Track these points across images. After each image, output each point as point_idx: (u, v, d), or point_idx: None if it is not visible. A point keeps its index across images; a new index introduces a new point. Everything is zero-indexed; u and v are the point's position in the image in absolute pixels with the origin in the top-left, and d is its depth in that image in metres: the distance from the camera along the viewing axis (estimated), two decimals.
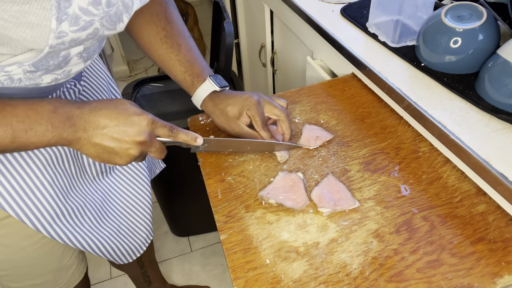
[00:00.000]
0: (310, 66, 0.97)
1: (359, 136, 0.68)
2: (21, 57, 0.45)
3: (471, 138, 0.56)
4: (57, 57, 0.49)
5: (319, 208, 0.56)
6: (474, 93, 0.63)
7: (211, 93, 0.66)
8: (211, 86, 0.65)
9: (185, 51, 0.66)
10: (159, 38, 0.65)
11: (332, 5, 0.95)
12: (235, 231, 0.54)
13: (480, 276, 0.47)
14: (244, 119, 0.64)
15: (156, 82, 1.48)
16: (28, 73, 0.49)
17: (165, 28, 0.66)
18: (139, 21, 0.65)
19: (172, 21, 0.67)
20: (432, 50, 0.69)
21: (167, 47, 0.65)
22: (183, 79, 0.67)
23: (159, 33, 0.65)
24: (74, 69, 0.55)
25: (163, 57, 0.66)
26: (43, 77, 0.51)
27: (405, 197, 0.57)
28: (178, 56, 0.66)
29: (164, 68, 0.68)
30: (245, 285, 0.48)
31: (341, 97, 0.77)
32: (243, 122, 0.64)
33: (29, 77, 0.50)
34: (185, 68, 0.66)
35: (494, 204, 0.55)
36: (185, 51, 0.66)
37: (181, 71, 0.66)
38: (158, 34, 0.65)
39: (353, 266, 0.49)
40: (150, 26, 0.65)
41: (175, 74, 0.67)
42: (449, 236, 0.52)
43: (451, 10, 0.68)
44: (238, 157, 0.66)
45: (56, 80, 0.54)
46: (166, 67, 0.67)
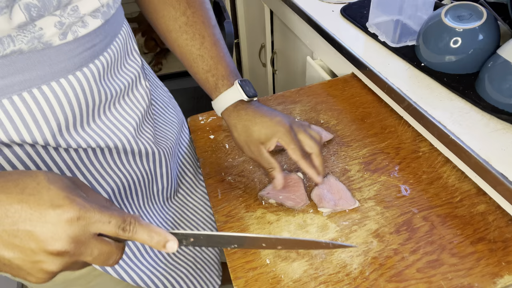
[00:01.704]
0: (310, 66, 0.97)
1: (359, 136, 0.68)
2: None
3: (471, 138, 0.56)
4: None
5: (319, 208, 0.56)
6: (474, 93, 0.63)
7: (237, 102, 0.56)
8: (238, 93, 0.55)
9: (209, 45, 0.56)
10: (178, 25, 0.55)
11: (332, 5, 0.95)
12: (235, 231, 0.54)
13: (480, 276, 0.47)
14: (270, 145, 0.54)
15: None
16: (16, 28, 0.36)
17: (185, 13, 0.55)
18: (153, 1, 0.55)
19: (194, 4, 0.56)
20: (432, 50, 0.69)
21: (187, 38, 0.56)
22: (205, 79, 0.57)
23: (177, 19, 0.55)
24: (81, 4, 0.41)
25: (183, 49, 0.56)
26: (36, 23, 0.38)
27: (405, 197, 0.57)
28: (200, 51, 0.56)
29: (183, 62, 0.58)
30: (245, 285, 0.48)
31: (341, 97, 0.77)
32: (266, 148, 0.54)
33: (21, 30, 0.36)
34: (208, 66, 0.56)
35: (494, 204, 0.55)
36: (209, 44, 0.56)
37: (203, 69, 0.56)
38: (176, 20, 0.55)
39: (353, 266, 0.49)
40: (167, 9, 0.55)
41: (196, 71, 0.57)
42: (449, 236, 0.52)
43: (451, 10, 0.68)
44: (238, 157, 0.66)
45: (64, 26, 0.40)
46: (186, 61, 0.58)
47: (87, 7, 0.42)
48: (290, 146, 0.53)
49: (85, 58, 0.44)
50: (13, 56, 0.38)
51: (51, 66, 0.41)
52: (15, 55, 0.38)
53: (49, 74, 0.41)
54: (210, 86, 0.57)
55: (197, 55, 0.56)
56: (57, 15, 0.39)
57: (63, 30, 0.40)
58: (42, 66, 0.40)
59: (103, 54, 0.47)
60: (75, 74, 0.44)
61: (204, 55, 0.56)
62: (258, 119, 0.54)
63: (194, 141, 0.71)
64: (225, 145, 0.68)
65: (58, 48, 0.41)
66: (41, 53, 0.40)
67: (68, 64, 0.43)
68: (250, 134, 0.54)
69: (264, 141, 0.54)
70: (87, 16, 0.42)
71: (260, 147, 0.54)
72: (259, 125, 0.54)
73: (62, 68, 0.42)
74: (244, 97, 0.55)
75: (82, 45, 0.43)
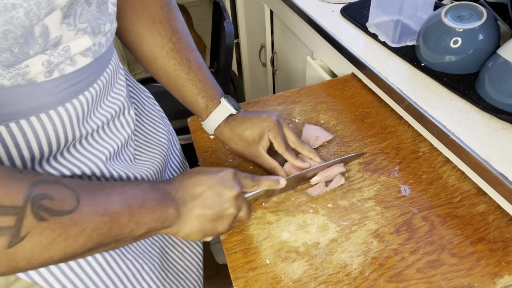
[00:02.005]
0: (310, 66, 0.97)
1: (359, 136, 0.68)
2: None
3: (471, 138, 0.56)
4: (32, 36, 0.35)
5: None
6: (474, 93, 0.63)
7: (227, 117, 0.59)
8: (227, 109, 0.59)
9: (196, 69, 0.59)
10: (165, 52, 0.57)
11: (332, 5, 0.95)
12: (235, 231, 0.54)
13: (480, 276, 0.47)
14: (265, 143, 0.59)
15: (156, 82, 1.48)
16: None
17: (171, 39, 0.57)
18: (139, 29, 0.56)
19: (178, 31, 0.58)
20: (432, 50, 0.69)
21: (176, 63, 0.57)
22: (195, 102, 0.59)
23: (164, 46, 0.57)
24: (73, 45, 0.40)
25: (170, 74, 0.58)
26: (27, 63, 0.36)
27: (405, 197, 0.57)
28: (188, 75, 0.58)
29: (170, 87, 0.60)
30: (245, 285, 0.48)
31: (341, 97, 0.77)
32: (263, 147, 0.59)
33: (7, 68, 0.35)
34: (197, 89, 0.59)
35: (494, 204, 0.55)
36: (196, 68, 0.59)
37: (192, 92, 0.59)
38: (163, 47, 0.57)
39: (353, 266, 0.49)
40: (154, 36, 0.56)
41: (185, 95, 0.59)
42: (449, 236, 0.52)
43: (451, 10, 0.68)
44: (238, 157, 0.66)
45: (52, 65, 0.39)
46: (174, 85, 0.59)
47: (79, 47, 0.41)
48: (277, 139, 0.58)
49: (69, 93, 0.43)
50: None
51: (32, 101, 0.39)
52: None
53: (30, 109, 0.40)
54: (200, 108, 0.60)
55: (186, 79, 0.58)
56: (47, 54, 0.38)
57: (50, 69, 0.39)
58: (23, 101, 0.39)
59: (88, 90, 0.45)
60: (57, 109, 0.42)
61: (193, 79, 0.59)
62: (247, 124, 0.58)
63: (194, 141, 0.71)
64: (225, 145, 0.68)
65: (42, 84, 0.39)
66: (23, 88, 0.38)
67: (51, 99, 0.41)
68: (245, 139, 0.59)
69: (259, 140, 0.58)
70: (77, 55, 0.41)
71: (258, 148, 0.59)
72: (250, 128, 0.58)
73: (43, 103, 0.40)
74: (233, 111, 0.59)
75: (67, 81, 0.42)
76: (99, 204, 0.38)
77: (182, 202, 0.45)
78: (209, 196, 0.46)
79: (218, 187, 0.47)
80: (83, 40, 0.41)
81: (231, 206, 0.47)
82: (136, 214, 0.41)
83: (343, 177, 0.60)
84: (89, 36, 0.42)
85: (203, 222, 0.46)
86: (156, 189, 0.44)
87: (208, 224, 0.47)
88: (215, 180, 0.47)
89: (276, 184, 0.53)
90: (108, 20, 0.44)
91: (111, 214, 0.38)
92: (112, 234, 0.39)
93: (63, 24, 0.37)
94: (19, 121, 0.39)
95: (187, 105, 0.61)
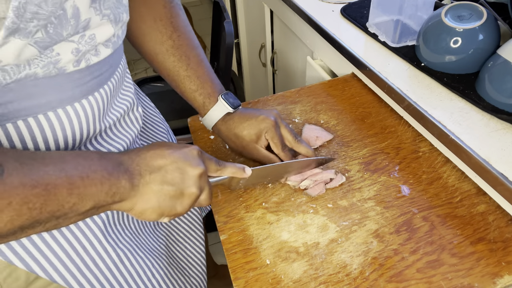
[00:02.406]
0: (310, 66, 0.97)
1: (359, 136, 0.68)
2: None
3: (471, 138, 0.56)
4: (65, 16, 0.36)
5: None
6: (474, 93, 0.63)
7: (224, 115, 0.60)
8: (224, 107, 0.59)
9: (195, 65, 0.60)
10: (164, 48, 0.58)
11: (332, 5, 0.95)
12: (235, 231, 0.54)
13: (480, 276, 0.47)
14: (262, 142, 0.59)
15: (156, 82, 1.49)
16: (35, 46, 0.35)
17: (172, 36, 0.58)
18: (141, 26, 0.58)
19: (179, 28, 0.59)
20: (432, 50, 0.69)
21: (175, 60, 0.59)
22: (193, 98, 0.60)
23: (164, 43, 0.58)
24: (98, 33, 0.42)
25: (170, 71, 0.60)
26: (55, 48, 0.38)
27: (405, 197, 0.57)
28: (187, 72, 0.59)
29: (171, 83, 0.62)
30: (245, 285, 0.48)
31: (341, 97, 0.77)
32: (261, 146, 0.59)
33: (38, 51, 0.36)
34: (195, 86, 0.60)
35: (494, 204, 0.55)
36: (195, 65, 0.60)
37: (190, 89, 0.60)
38: (163, 44, 0.58)
39: (353, 266, 0.49)
40: (154, 33, 0.58)
41: (183, 91, 0.61)
42: (449, 236, 0.52)
43: (451, 10, 0.68)
44: (238, 157, 0.66)
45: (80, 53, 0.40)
46: (173, 82, 0.61)
47: (103, 36, 0.42)
48: (273, 140, 0.58)
49: (92, 86, 0.45)
50: (26, 81, 0.38)
51: (60, 93, 0.41)
52: (28, 79, 0.38)
53: (57, 101, 0.41)
54: (198, 105, 0.61)
55: (185, 76, 0.59)
56: (75, 41, 0.39)
57: (78, 57, 0.41)
58: (52, 92, 0.40)
59: (107, 83, 0.47)
60: (81, 102, 0.44)
61: (191, 76, 0.59)
62: (245, 124, 0.59)
63: (194, 141, 0.71)
64: (225, 145, 0.68)
65: (70, 75, 0.41)
66: (53, 79, 0.40)
67: (76, 91, 0.43)
68: (242, 139, 0.59)
69: (256, 140, 0.59)
70: (100, 45, 0.43)
71: (257, 147, 0.59)
72: (247, 128, 0.58)
73: (70, 96, 0.42)
74: (230, 110, 0.59)
75: (91, 73, 0.44)
76: (28, 174, 0.33)
77: (138, 174, 0.41)
78: (171, 171, 0.42)
79: (182, 162, 0.43)
80: (107, 28, 0.43)
81: (193, 185, 0.44)
82: (79, 186, 0.36)
83: (344, 176, 0.60)
84: (111, 24, 0.43)
85: (160, 199, 0.42)
86: (105, 158, 0.40)
87: (167, 201, 0.43)
88: (179, 154, 0.44)
89: (241, 172, 0.51)
90: (124, 10, 0.46)
91: (45, 186, 0.34)
92: (49, 209, 0.35)
93: (91, 8, 0.39)
94: (47, 113, 0.41)
95: (187, 100, 0.62)
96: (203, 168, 0.45)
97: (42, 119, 0.41)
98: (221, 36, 1.22)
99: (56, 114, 0.42)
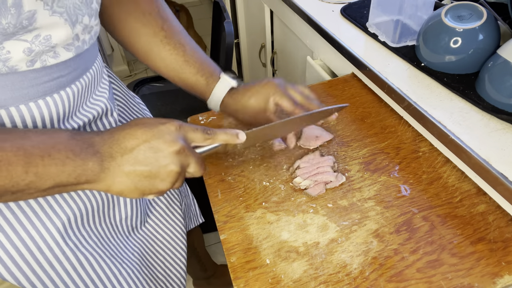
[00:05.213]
0: (310, 66, 0.97)
1: (359, 136, 0.68)
2: None
3: (471, 138, 0.56)
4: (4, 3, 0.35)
5: None
6: (474, 93, 0.63)
7: (229, 90, 0.60)
8: (227, 83, 0.59)
9: (191, 51, 0.60)
10: (159, 39, 0.58)
11: (332, 5, 0.95)
12: (235, 231, 0.54)
13: (480, 276, 0.47)
14: (271, 108, 0.57)
15: (156, 82, 1.49)
16: None
17: (163, 27, 0.58)
18: (131, 23, 0.58)
19: (168, 19, 0.60)
20: (432, 50, 0.69)
21: (170, 48, 0.59)
22: (195, 81, 0.60)
23: (157, 34, 0.58)
24: (54, 34, 0.40)
25: (167, 60, 0.59)
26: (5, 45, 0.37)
27: (405, 197, 0.57)
28: (185, 57, 0.59)
29: (169, 73, 0.61)
30: (245, 285, 0.48)
31: (341, 97, 0.77)
32: (271, 112, 0.58)
33: None
34: (195, 69, 0.59)
35: (494, 204, 0.55)
36: (191, 51, 0.60)
37: (191, 73, 0.59)
38: (156, 35, 0.58)
39: (353, 266, 0.49)
40: (146, 27, 0.58)
41: (185, 77, 0.60)
42: (449, 236, 0.52)
43: (451, 10, 0.68)
44: (238, 157, 0.66)
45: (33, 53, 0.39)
46: (173, 71, 0.60)
47: (60, 37, 0.41)
48: (283, 100, 0.57)
49: (51, 87, 0.44)
50: None
51: (12, 91, 0.41)
52: None
53: (10, 99, 0.41)
54: (201, 86, 0.60)
55: (183, 61, 0.59)
56: (28, 41, 0.38)
57: (32, 57, 0.40)
58: (4, 90, 0.40)
59: (70, 86, 0.46)
60: (37, 102, 0.43)
61: (190, 60, 0.59)
62: (250, 93, 0.58)
63: None
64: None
65: (23, 74, 0.40)
66: (5, 77, 0.39)
67: (31, 91, 0.42)
68: (251, 108, 0.58)
69: (264, 106, 0.57)
70: (60, 47, 0.42)
71: (266, 116, 0.58)
72: (254, 96, 0.58)
73: (24, 94, 0.41)
74: (233, 84, 0.59)
75: (48, 74, 0.43)
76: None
77: (109, 156, 0.40)
78: (143, 151, 0.41)
79: (155, 141, 0.41)
80: (63, 29, 0.41)
81: (171, 162, 0.42)
82: (37, 164, 0.36)
83: (344, 176, 0.60)
84: (68, 24, 0.42)
85: (135, 180, 0.41)
86: (75, 139, 0.39)
87: (143, 181, 0.42)
88: (152, 133, 0.42)
89: (234, 138, 0.48)
90: (87, 13, 0.45)
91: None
92: (2, 183, 0.35)
93: (39, 1, 0.37)
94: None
95: (189, 87, 0.61)
96: (181, 143, 0.42)
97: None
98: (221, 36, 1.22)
99: (8, 112, 0.41)
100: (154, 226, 0.68)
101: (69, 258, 0.49)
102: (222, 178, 0.62)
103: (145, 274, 0.63)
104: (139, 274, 0.61)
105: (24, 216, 0.45)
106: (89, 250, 0.52)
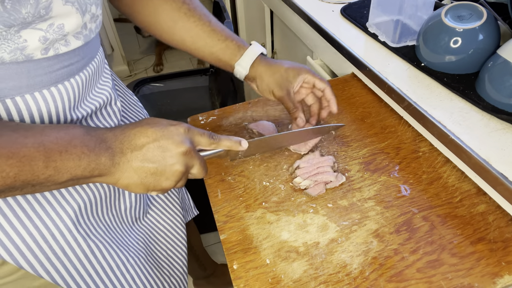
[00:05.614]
0: (310, 66, 0.97)
1: (359, 136, 0.68)
2: None
3: (471, 138, 0.56)
4: None
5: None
6: (474, 93, 0.63)
7: (259, 55, 0.62)
8: (260, 47, 0.62)
9: (216, 22, 0.62)
10: (182, 13, 0.60)
11: (332, 5, 0.95)
12: (235, 231, 0.54)
13: (480, 276, 0.47)
14: (296, 83, 0.61)
15: (156, 82, 1.49)
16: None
17: (185, 1, 0.60)
18: (153, 2, 0.60)
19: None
20: (432, 50, 0.69)
21: (195, 20, 0.60)
22: (225, 47, 0.61)
23: (181, 8, 0.60)
24: (66, 22, 0.43)
25: (193, 31, 0.60)
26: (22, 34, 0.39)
27: (405, 197, 0.57)
28: (211, 26, 0.60)
29: (196, 44, 0.62)
30: (245, 285, 0.48)
31: (341, 97, 0.77)
32: (293, 88, 0.61)
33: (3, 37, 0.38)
34: (224, 36, 0.61)
35: (494, 204, 0.55)
36: (216, 22, 0.62)
37: (220, 39, 0.61)
38: (180, 9, 0.60)
39: (353, 266, 0.49)
40: (167, 3, 0.60)
41: (212, 44, 0.61)
42: (449, 236, 0.52)
43: (451, 10, 0.68)
44: (239, 158, 0.66)
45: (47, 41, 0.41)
46: (200, 40, 0.61)
47: (71, 26, 0.43)
48: (316, 78, 0.61)
49: (62, 75, 0.46)
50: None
51: (28, 79, 0.42)
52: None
53: (25, 87, 0.43)
54: (232, 50, 0.62)
55: (211, 30, 0.61)
56: (43, 30, 0.40)
57: (46, 45, 0.42)
58: (20, 77, 0.42)
59: (79, 74, 0.49)
60: (50, 89, 0.45)
61: (217, 29, 0.61)
62: (283, 63, 0.62)
63: None
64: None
65: (38, 62, 0.42)
66: (21, 65, 0.41)
67: (45, 78, 0.44)
68: (281, 73, 0.61)
69: (292, 79, 0.61)
70: (70, 36, 0.44)
71: (289, 86, 0.61)
72: (286, 65, 0.61)
73: (38, 82, 0.43)
74: (264, 51, 0.62)
75: (60, 62, 0.45)
76: (5, 146, 0.35)
77: (120, 152, 0.42)
78: (152, 149, 0.43)
79: (164, 140, 0.43)
80: (74, 18, 0.43)
81: (177, 162, 0.44)
82: (56, 159, 0.38)
83: (344, 176, 0.60)
84: (78, 14, 0.44)
85: (142, 175, 0.43)
86: (89, 135, 0.41)
87: (149, 178, 0.44)
88: (162, 133, 0.44)
89: (236, 145, 0.50)
90: (94, 3, 0.47)
91: (20, 158, 0.36)
92: (23, 178, 0.36)
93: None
94: (14, 97, 0.42)
95: (215, 55, 0.62)
96: (188, 145, 0.44)
97: (10, 104, 0.42)
98: None
99: (24, 99, 0.43)
100: (156, 217, 0.70)
101: (81, 245, 0.51)
102: (222, 178, 0.62)
103: (150, 262, 0.65)
104: (145, 262, 0.63)
105: (39, 205, 0.47)
106: (99, 238, 0.54)
